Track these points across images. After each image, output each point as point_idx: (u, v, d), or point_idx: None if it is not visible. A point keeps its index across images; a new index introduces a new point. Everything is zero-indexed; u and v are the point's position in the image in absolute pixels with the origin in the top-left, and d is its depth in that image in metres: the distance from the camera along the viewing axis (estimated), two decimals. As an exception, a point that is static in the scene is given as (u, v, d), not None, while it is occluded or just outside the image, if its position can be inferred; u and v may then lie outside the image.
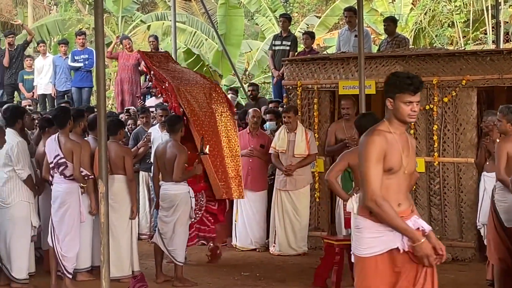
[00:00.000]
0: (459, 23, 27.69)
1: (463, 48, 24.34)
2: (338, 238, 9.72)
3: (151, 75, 10.83)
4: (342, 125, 11.80)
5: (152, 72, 10.70)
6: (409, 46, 15.33)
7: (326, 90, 12.29)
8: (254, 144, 12.33)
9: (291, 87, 12.56)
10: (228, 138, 10.98)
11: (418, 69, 11.52)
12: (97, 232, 8.82)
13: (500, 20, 23.93)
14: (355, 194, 8.15)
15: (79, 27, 27.53)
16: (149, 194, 12.85)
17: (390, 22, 14.33)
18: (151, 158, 11.67)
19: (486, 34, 27.55)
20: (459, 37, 28.05)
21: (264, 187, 12.44)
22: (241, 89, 21.01)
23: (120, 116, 14.10)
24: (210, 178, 10.60)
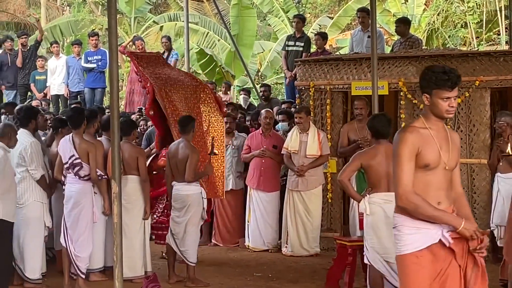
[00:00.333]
0: (472, 24, 27.62)
1: (476, 49, 24.27)
2: (351, 239, 9.71)
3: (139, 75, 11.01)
4: (355, 126, 11.78)
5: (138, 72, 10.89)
6: (422, 47, 15.29)
7: (339, 91, 12.27)
8: (267, 145, 12.33)
9: (304, 88, 12.55)
10: (217, 139, 11.05)
11: (431, 70, 11.47)
12: (110, 232, 8.85)
13: (514, 21, 23.84)
14: (368, 195, 8.19)
15: (92, 28, 27.61)
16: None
17: (400, 23, 14.28)
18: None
19: (500, 35, 27.45)
20: (472, 38, 27.98)
21: (277, 188, 12.43)
22: (254, 90, 21.02)
23: (132, 116, 14.12)
24: None
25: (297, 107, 12.53)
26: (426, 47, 21.76)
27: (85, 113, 10.14)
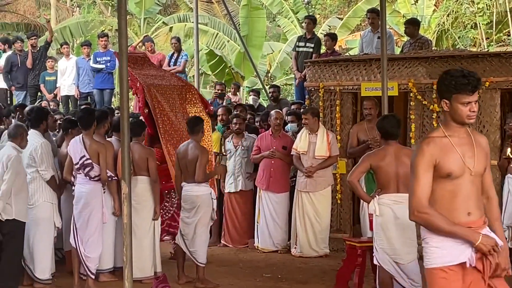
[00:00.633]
0: (482, 25, 27.57)
1: (486, 50, 24.20)
2: (360, 240, 9.69)
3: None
4: (365, 127, 11.77)
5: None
6: (432, 48, 15.27)
7: (348, 92, 12.27)
8: (276, 146, 12.33)
9: (313, 89, 12.55)
10: (205, 139, 11.10)
11: (441, 71, 11.38)
12: (120, 233, 8.87)
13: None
14: (377, 196, 8.19)
15: (102, 29, 27.64)
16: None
17: (409, 25, 14.24)
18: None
19: (510, 36, 27.43)
20: (482, 39, 27.93)
21: (286, 189, 12.43)
22: (263, 91, 21.02)
23: (140, 117, 14.13)
24: None
25: (304, 109, 12.53)
26: (436, 48, 21.74)
27: (95, 114, 10.16)
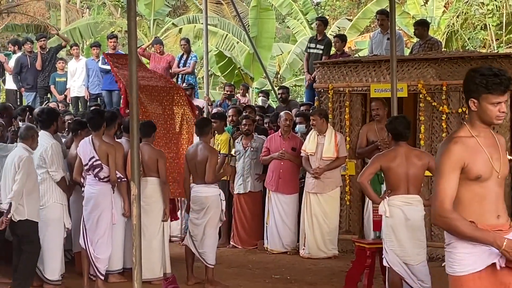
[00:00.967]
0: (492, 26, 27.50)
1: (496, 51, 24.15)
2: (370, 242, 9.67)
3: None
4: (374, 127, 11.76)
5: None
6: (442, 49, 15.24)
7: (358, 93, 12.25)
8: (286, 147, 12.33)
9: (323, 90, 12.54)
10: (186, 140, 11.19)
11: (451, 72, 11.46)
12: (129, 234, 8.88)
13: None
14: (387, 197, 8.18)
15: (111, 30, 27.69)
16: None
17: (419, 26, 14.22)
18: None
19: (520, 37, 27.35)
20: (492, 40, 27.85)
21: (295, 190, 12.42)
22: (272, 92, 21.02)
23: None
24: None
25: (312, 110, 12.53)
26: (446, 49, 21.68)
27: (105, 115, 10.18)
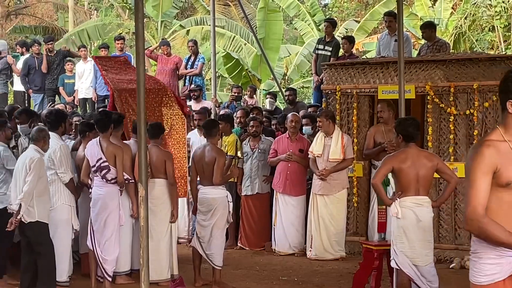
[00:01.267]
0: (500, 28, 27.46)
1: (504, 53, 24.13)
2: (377, 243, 9.66)
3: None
4: (381, 129, 11.75)
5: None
6: (450, 51, 15.22)
7: (365, 95, 12.25)
8: (293, 149, 12.33)
9: (330, 92, 12.54)
10: (177, 140, 11.18)
11: (459, 74, 11.45)
12: (137, 236, 8.88)
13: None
14: (398, 199, 8.17)
15: (119, 32, 27.69)
16: (188, 198, 12.88)
17: (426, 29, 14.16)
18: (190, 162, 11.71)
19: (528, 39, 27.32)
20: (500, 42, 27.82)
21: (303, 192, 12.41)
22: (280, 94, 21.01)
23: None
24: None
25: (319, 111, 12.54)
26: (453, 51, 21.66)
27: (112, 117, 10.19)
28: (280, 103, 21.74)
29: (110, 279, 9.80)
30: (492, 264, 4.69)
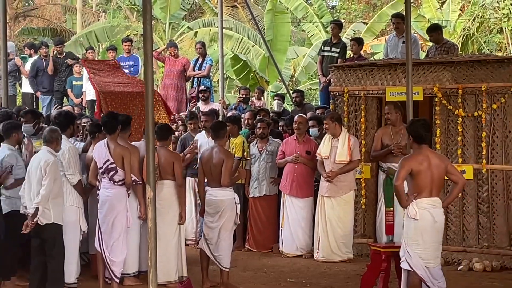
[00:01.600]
0: (508, 30, 27.40)
1: (512, 55, 24.07)
2: (385, 245, 9.65)
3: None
4: (389, 131, 11.74)
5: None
6: (458, 53, 15.18)
7: (373, 97, 12.24)
8: (300, 151, 12.32)
9: (338, 93, 12.53)
10: None
11: (467, 76, 11.44)
12: (145, 237, 8.89)
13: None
14: (414, 201, 8.16)
15: (127, 34, 27.74)
16: (196, 200, 12.87)
17: (432, 32, 14.09)
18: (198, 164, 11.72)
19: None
20: (508, 43, 27.75)
21: (310, 194, 12.41)
22: (288, 95, 21.01)
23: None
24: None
25: (326, 113, 12.53)
26: (461, 53, 21.63)
27: (120, 119, 10.20)
28: (288, 105, 21.74)
29: (118, 281, 9.81)
30: None
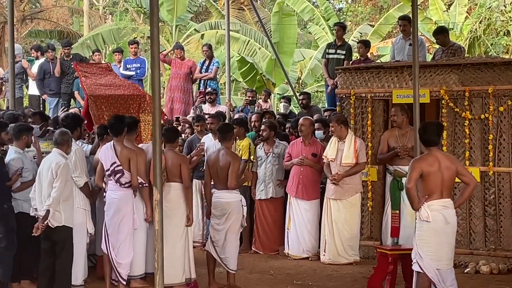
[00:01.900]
0: (515, 32, 27.39)
1: (519, 57, 24.03)
2: (392, 248, 9.64)
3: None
4: (395, 133, 11.74)
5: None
6: (464, 55, 15.17)
7: (380, 99, 12.23)
8: (306, 153, 12.32)
9: (345, 96, 12.53)
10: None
11: (473, 78, 11.43)
12: (152, 239, 8.89)
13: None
14: (426, 203, 8.15)
15: (134, 36, 27.78)
16: (202, 202, 12.87)
17: (439, 35, 14.05)
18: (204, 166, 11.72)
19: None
20: (515, 46, 27.74)
21: (316, 196, 12.40)
22: (294, 98, 21.01)
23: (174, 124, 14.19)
24: None
25: (332, 116, 12.53)
26: (468, 55, 21.61)
27: (126, 121, 10.21)
28: (294, 107, 21.75)
29: (125, 283, 9.83)
30: None
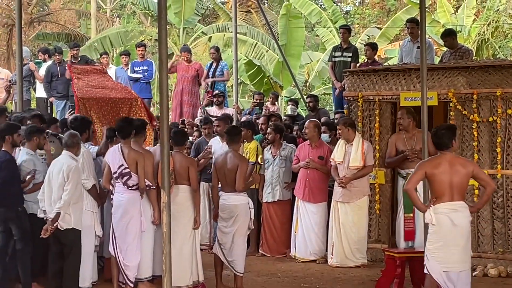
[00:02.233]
0: (523, 35, 27.37)
1: (527, 60, 23.96)
2: (399, 251, 9.63)
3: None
4: (403, 137, 11.70)
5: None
6: (472, 58, 15.13)
7: (388, 102, 12.21)
8: (313, 156, 12.31)
9: (352, 99, 12.51)
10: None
11: (481, 81, 11.40)
12: (159, 241, 8.90)
13: None
14: (432, 206, 8.13)
15: (141, 39, 27.79)
16: (210, 205, 12.88)
17: (447, 37, 14.06)
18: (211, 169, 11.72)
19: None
20: (523, 48, 27.70)
21: (323, 199, 12.38)
22: (302, 100, 21.00)
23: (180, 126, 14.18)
24: None
25: (339, 119, 12.52)
26: (476, 58, 21.57)
27: (134, 123, 10.21)
28: (302, 110, 21.73)
29: (132, 285, 9.83)
30: None
